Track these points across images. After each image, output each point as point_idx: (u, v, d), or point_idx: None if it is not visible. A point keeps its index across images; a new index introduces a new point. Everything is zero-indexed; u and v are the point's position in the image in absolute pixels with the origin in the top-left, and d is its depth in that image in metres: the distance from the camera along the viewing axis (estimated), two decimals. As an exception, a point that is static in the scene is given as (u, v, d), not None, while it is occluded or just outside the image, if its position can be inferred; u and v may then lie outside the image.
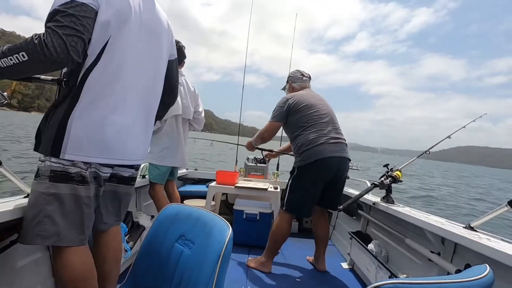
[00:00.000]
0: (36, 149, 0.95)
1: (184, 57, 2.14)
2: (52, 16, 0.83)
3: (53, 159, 0.91)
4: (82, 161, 0.94)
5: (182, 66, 2.17)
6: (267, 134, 2.22)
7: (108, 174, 1.05)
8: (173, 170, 2.28)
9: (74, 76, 0.93)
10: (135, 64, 1.04)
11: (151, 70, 1.12)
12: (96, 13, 0.89)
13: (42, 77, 1.02)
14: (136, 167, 1.18)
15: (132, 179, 1.20)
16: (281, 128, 2.24)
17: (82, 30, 0.84)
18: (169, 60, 1.25)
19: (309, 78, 2.29)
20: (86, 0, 0.86)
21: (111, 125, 0.97)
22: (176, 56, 1.30)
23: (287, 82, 2.32)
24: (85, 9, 0.86)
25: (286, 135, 2.30)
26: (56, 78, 1.01)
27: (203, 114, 2.37)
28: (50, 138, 0.91)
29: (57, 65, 0.83)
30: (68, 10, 0.83)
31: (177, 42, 2.11)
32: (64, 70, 0.98)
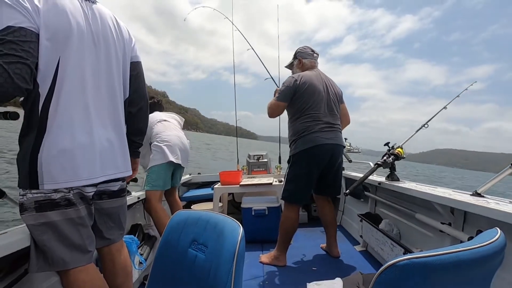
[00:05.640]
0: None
1: (163, 108, 2.33)
2: None
3: (33, 190, 0.89)
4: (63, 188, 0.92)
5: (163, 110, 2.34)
6: (271, 112, 2.11)
7: (92, 193, 1.03)
8: (176, 175, 2.18)
9: (34, 106, 0.89)
10: (94, 79, 1.00)
11: (111, 80, 1.08)
12: (37, 35, 0.84)
13: None
14: (122, 179, 1.17)
15: (122, 190, 1.19)
16: (279, 131, 2.18)
17: (25, 56, 0.79)
18: (132, 62, 1.19)
19: (318, 56, 2.21)
20: (24, 24, 0.81)
21: (83, 147, 0.95)
22: (140, 59, 1.24)
23: (295, 58, 2.20)
24: (24, 33, 0.80)
25: (284, 136, 2.28)
26: (2, 111, 0.97)
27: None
28: (25, 171, 0.89)
29: (4, 97, 0.78)
30: (6, 37, 0.77)
31: (152, 97, 2.30)
32: (21, 99, 0.93)
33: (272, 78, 2.99)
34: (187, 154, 2.17)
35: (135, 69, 1.21)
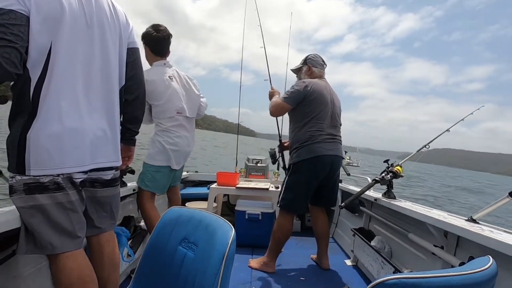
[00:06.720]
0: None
1: (169, 44, 1.90)
2: None
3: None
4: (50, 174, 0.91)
5: (168, 55, 1.94)
6: (274, 111, 2.11)
7: (81, 179, 1.01)
8: (176, 174, 2.11)
9: (25, 90, 0.87)
10: (87, 64, 0.98)
11: (107, 65, 1.05)
12: (28, 19, 0.81)
13: None
14: (115, 168, 1.15)
15: (115, 180, 1.17)
16: (279, 130, 2.16)
17: (14, 39, 0.77)
18: (129, 48, 1.16)
19: (326, 67, 2.21)
20: (14, 7, 0.78)
21: (72, 133, 0.93)
22: (137, 46, 1.19)
23: (305, 64, 2.17)
24: (14, 16, 0.78)
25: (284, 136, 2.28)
26: None
27: (204, 99, 2.14)
28: (13, 157, 0.88)
29: None
30: None
31: (164, 30, 1.84)
32: (11, 84, 0.92)
33: (270, 80, 2.98)
34: (188, 155, 2.14)
35: (132, 55, 1.18)
